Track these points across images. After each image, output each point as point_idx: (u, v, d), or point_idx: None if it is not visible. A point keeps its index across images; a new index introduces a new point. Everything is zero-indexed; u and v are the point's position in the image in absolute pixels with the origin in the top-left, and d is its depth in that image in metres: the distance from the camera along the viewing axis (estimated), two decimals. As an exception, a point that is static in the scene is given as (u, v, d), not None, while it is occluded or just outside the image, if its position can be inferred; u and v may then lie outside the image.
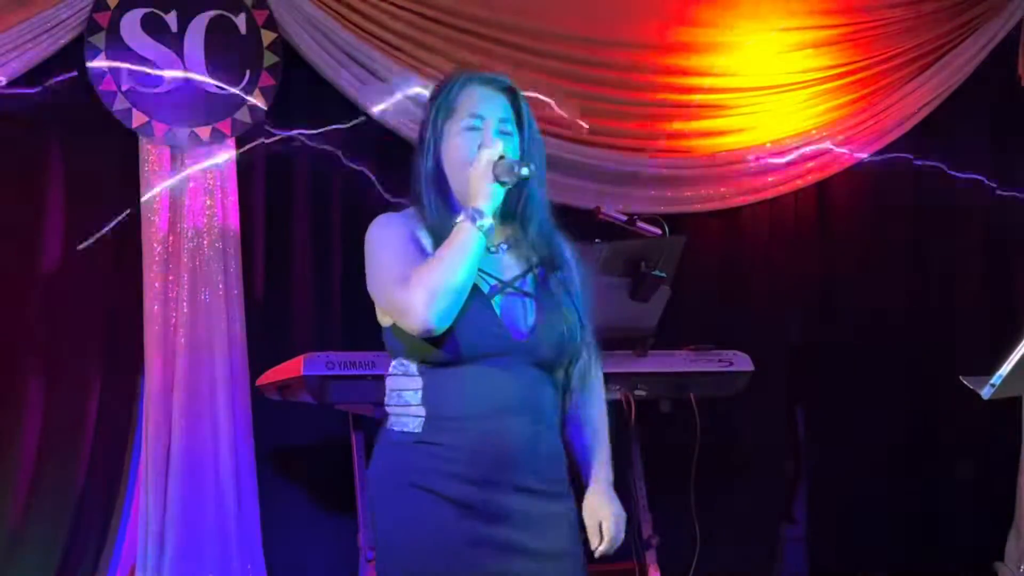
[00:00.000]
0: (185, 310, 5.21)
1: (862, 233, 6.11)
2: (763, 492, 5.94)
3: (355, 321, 5.35)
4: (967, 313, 6.13)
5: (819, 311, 6.07)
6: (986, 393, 3.09)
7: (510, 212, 2.73)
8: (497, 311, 2.65)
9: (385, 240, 2.69)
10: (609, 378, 4.59)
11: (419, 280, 2.55)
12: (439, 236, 2.65)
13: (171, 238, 5.22)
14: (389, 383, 2.73)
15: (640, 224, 4.85)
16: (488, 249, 2.68)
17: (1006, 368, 3.04)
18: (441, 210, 2.69)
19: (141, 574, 5.11)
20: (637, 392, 4.73)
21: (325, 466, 5.28)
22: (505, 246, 2.74)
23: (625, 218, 4.87)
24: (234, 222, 5.28)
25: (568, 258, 2.79)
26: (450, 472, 2.60)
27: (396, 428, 2.69)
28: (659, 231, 4.88)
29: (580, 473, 2.79)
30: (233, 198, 5.29)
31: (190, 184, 5.24)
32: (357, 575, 4.73)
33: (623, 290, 4.69)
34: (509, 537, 2.62)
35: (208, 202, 5.26)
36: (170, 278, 5.20)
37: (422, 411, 2.65)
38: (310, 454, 5.40)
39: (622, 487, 4.83)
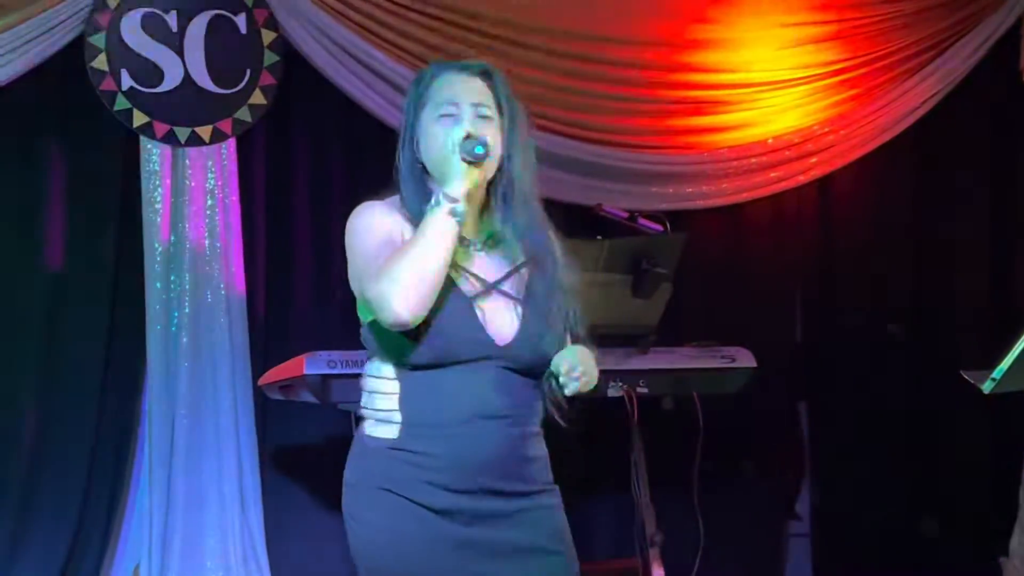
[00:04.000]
0: (187, 310, 5.21)
1: (864, 229, 6.10)
2: (767, 488, 5.94)
3: (357, 320, 5.33)
4: (970, 308, 6.11)
5: (821, 307, 6.06)
6: (987, 388, 3.09)
7: (493, 204, 2.66)
8: (480, 316, 2.57)
9: (363, 229, 2.63)
10: (611, 375, 4.66)
11: (389, 271, 2.48)
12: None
13: (172, 238, 5.22)
14: (365, 384, 2.65)
15: (641, 221, 4.86)
16: (467, 242, 2.62)
17: (1007, 362, 3.03)
18: (422, 202, 2.61)
19: (145, 574, 5.11)
20: (639, 389, 4.72)
21: (328, 465, 5.26)
22: (486, 241, 2.66)
23: (626, 215, 4.88)
24: (235, 221, 5.28)
25: (557, 255, 2.70)
26: (427, 480, 2.54)
27: (371, 433, 2.61)
28: (661, 228, 4.88)
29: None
30: (234, 198, 5.29)
31: (191, 184, 5.24)
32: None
33: (625, 287, 4.69)
34: (490, 539, 2.56)
35: (209, 202, 5.26)
36: (171, 278, 5.20)
37: (398, 417, 2.57)
38: (313, 453, 5.40)
39: (625, 484, 4.89)
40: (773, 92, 5.89)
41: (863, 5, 5.93)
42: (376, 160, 5.58)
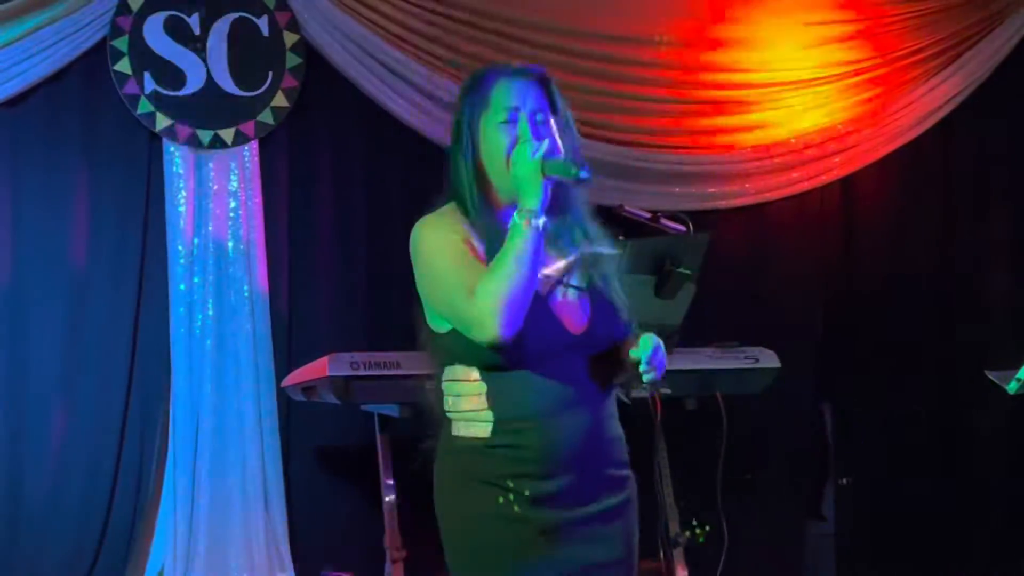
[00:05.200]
0: (211, 312, 5.22)
1: (888, 228, 6.08)
2: (791, 489, 5.92)
3: (380, 321, 5.36)
4: (996, 307, 6.09)
5: (846, 306, 6.04)
6: (1012, 388, 3.08)
7: (556, 200, 2.66)
8: (554, 311, 2.62)
9: (439, 245, 2.63)
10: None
11: (485, 291, 2.51)
12: (486, 235, 2.63)
13: (196, 240, 5.23)
14: (448, 388, 2.67)
15: (664, 221, 4.85)
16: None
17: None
18: (484, 208, 2.66)
19: (170, 575, 5.13)
20: (663, 390, 4.71)
21: (351, 465, 5.29)
22: (547, 237, 2.66)
23: (648, 215, 4.87)
24: (258, 223, 5.29)
25: (605, 249, 2.75)
26: (519, 472, 2.59)
27: (460, 434, 2.64)
28: (683, 228, 4.87)
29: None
30: (257, 200, 5.31)
31: (214, 186, 5.26)
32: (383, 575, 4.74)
33: (648, 287, 4.68)
34: (583, 522, 2.62)
35: (232, 204, 5.28)
36: (195, 280, 5.22)
37: (490, 416, 2.61)
38: (336, 454, 5.41)
39: (648, 486, 4.88)
40: (795, 91, 5.88)
41: (886, 4, 5.91)
42: (397, 161, 5.65)
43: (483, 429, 2.62)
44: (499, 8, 5.54)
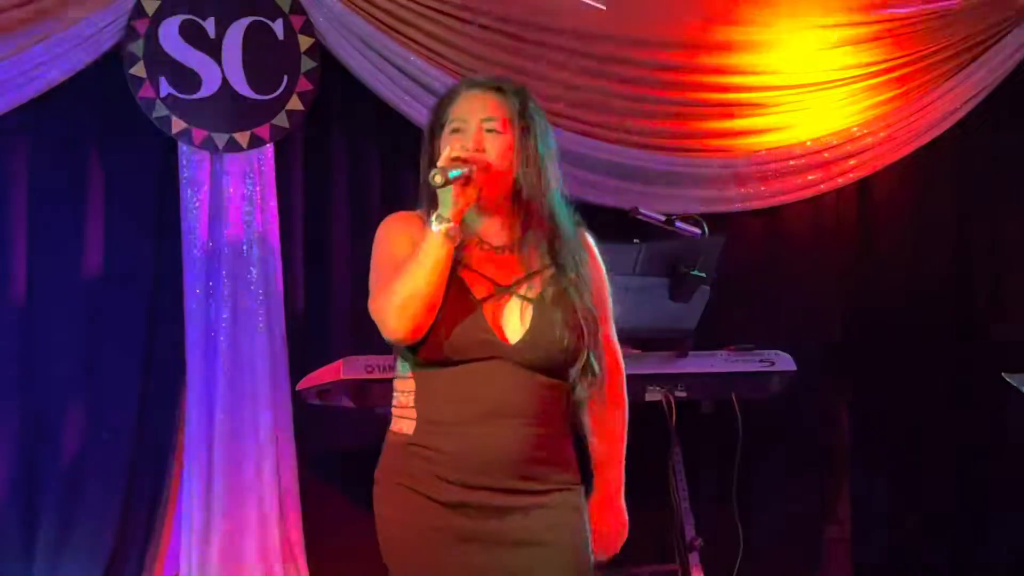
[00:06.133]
0: (225, 315, 5.23)
1: (905, 230, 6.07)
2: (807, 493, 5.91)
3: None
4: (1013, 309, 6.07)
5: (862, 309, 6.02)
6: (1029, 391, 3.07)
7: (521, 212, 2.72)
8: (485, 316, 2.64)
9: (380, 241, 2.78)
10: (650, 379, 4.65)
11: (385, 289, 2.62)
12: None
13: (211, 244, 5.24)
14: (395, 384, 2.78)
15: (678, 224, 4.85)
16: (486, 246, 2.71)
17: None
18: None
19: (185, 577, 5.14)
20: (678, 393, 4.71)
21: (366, 468, 5.27)
22: (513, 247, 2.73)
23: (662, 218, 4.87)
24: (273, 227, 5.30)
25: (579, 260, 2.74)
26: (438, 475, 2.64)
27: (393, 429, 2.74)
28: (698, 231, 4.87)
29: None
30: (272, 203, 5.31)
31: (229, 190, 5.26)
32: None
33: (662, 290, 4.68)
34: (495, 531, 2.63)
35: (247, 208, 5.28)
36: (210, 283, 5.22)
37: (414, 413, 2.69)
38: (351, 456, 5.40)
39: (663, 488, 4.87)
40: (812, 94, 5.87)
41: (902, 6, 5.89)
42: (413, 164, 5.60)
43: (409, 426, 2.69)
44: (513, 11, 5.53)
